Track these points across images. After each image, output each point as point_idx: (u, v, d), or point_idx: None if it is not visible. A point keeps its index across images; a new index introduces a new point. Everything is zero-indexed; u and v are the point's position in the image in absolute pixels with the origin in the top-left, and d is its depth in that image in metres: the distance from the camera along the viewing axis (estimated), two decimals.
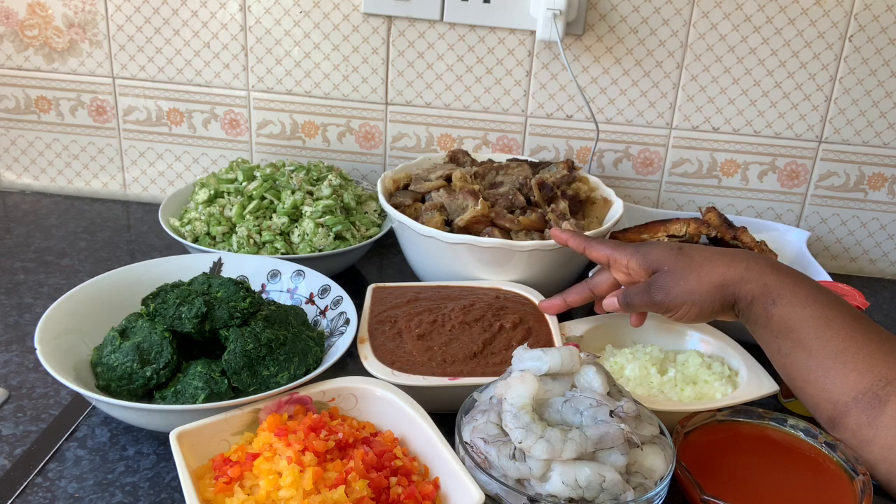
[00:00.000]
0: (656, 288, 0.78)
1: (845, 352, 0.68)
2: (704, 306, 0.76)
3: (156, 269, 0.93)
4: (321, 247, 1.05)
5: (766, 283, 0.73)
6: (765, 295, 0.73)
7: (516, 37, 1.21)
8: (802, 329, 0.70)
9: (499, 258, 0.97)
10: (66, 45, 1.25)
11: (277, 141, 1.30)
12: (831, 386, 0.68)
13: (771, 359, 0.76)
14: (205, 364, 0.78)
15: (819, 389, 0.69)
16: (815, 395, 0.70)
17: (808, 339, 0.70)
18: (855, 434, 0.68)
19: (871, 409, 0.66)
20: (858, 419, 0.67)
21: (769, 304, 0.73)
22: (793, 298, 0.71)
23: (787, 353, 0.72)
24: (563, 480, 0.62)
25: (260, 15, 1.22)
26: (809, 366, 0.70)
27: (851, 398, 0.67)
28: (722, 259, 0.76)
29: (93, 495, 0.72)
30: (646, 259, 0.80)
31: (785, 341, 0.72)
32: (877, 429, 0.66)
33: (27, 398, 0.83)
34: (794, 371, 0.72)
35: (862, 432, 0.67)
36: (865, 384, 0.66)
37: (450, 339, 0.85)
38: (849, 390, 0.67)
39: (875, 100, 1.21)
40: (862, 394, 0.66)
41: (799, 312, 0.71)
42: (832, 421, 0.69)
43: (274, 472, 0.64)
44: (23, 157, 1.33)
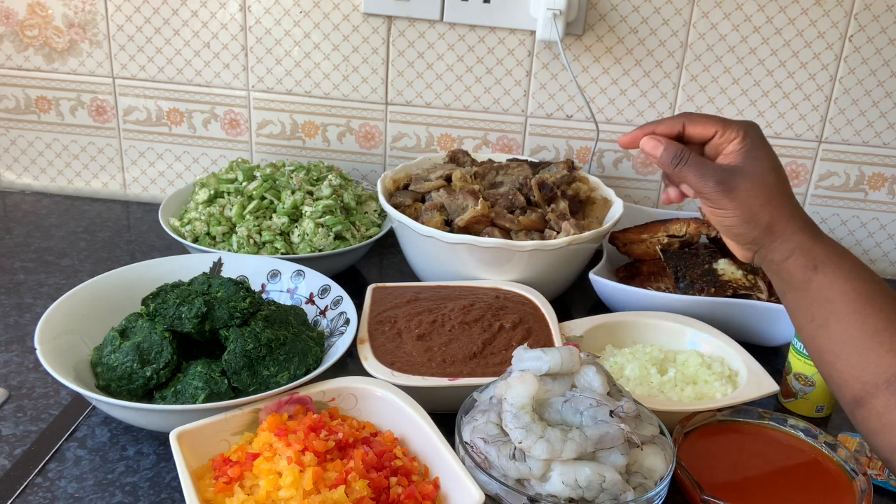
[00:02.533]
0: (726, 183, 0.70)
1: (884, 331, 0.65)
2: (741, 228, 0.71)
3: (156, 269, 0.93)
4: (321, 247, 1.05)
5: (812, 248, 0.70)
6: (807, 257, 0.69)
7: (516, 37, 1.21)
8: (843, 302, 0.67)
9: (499, 258, 0.97)
10: (66, 45, 1.25)
11: (277, 141, 1.30)
12: (864, 364, 0.66)
13: (799, 326, 0.72)
14: (205, 364, 0.78)
15: (850, 366, 0.67)
16: (844, 371, 0.67)
17: (847, 313, 0.67)
18: (879, 417, 0.65)
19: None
20: (887, 402, 0.64)
21: (810, 269, 0.69)
22: (836, 269, 0.68)
23: (821, 324, 0.69)
24: (563, 480, 0.62)
25: (260, 15, 1.22)
26: (844, 340, 0.67)
27: (884, 379, 0.64)
28: (792, 202, 0.71)
29: (93, 495, 0.72)
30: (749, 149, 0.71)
31: (820, 310, 0.69)
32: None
33: (27, 398, 0.83)
34: (826, 344, 0.69)
35: (887, 415, 0.64)
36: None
37: (450, 340, 0.85)
38: (882, 371, 0.64)
39: (875, 100, 1.21)
40: (894, 375, 0.64)
41: (841, 284, 0.68)
42: (857, 400, 0.66)
43: (274, 472, 0.64)
44: (23, 157, 1.33)
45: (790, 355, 0.90)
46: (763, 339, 1.00)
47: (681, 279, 1.02)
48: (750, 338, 0.99)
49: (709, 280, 1.01)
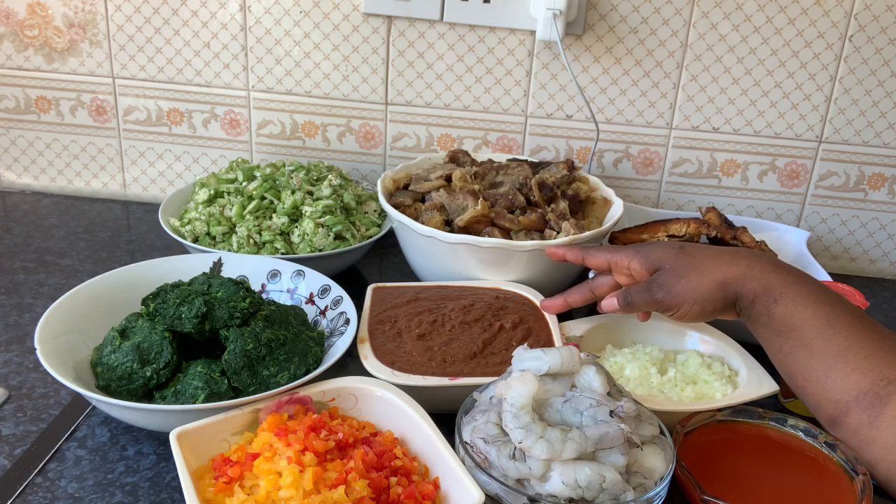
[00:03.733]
0: (657, 286, 0.78)
1: (847, 351, 0.67)
2: (706, 305, 0.76)
3: (156, 269, 0.93)
4: (321, 247, 1.05)
5: (769, 282, 0.73)
6: (766, 294, 0.73)
7: (516, 37, 1.21)
8: (804, 328, 0.70)
9: (499, 258, 0.97)
10: (66, 45, 1.25)
11: (277, 141, 1.30)
12: (832, 385, 0.68)
13: (772, 357, 0.76)
14: (205, 364, 0.78)
15: (820, 388, 0.69)
16: (816, 394, 0.70)
17: (810, 338, 0.69)
18: (856, 433, 0.68)
19: (872, 409, 0.66)
20: (860, 418, 0.66)
21: (771, 303, 0.72)
22: (795, 297, 0.71)
23: (788, 352, 0.72)
24: (563, 480, 0.62)
25: (260, 15, 1.22)
26: (811, 364, 0.70)
27: (853, 397, 0.66)
28: (724, 257, 0.76)
29: (93, 495, 0.72)
30: (647, 259, 0.80)
31: (787, 340, 0.71)
32: (878, 428, 0.65)
33: (27, 398, 0.83)
34: (796, 370, 0.71)
35: (863, 432, 0.66)
36: (867, 383, 0.66)
37: (450, 339, 0.85)
38: (850, 389, 0.67)
39: (875, 100, 1.21)
40: (863, 393, 0.66)
41: (801, 311, 0.70)
42: (833, 420, 0.69)
43: (274, 472, 0.64)
44: (23, 157, 1.33)
45: None
46: None
47: None
48: (750, 338, 0.98)
49: None
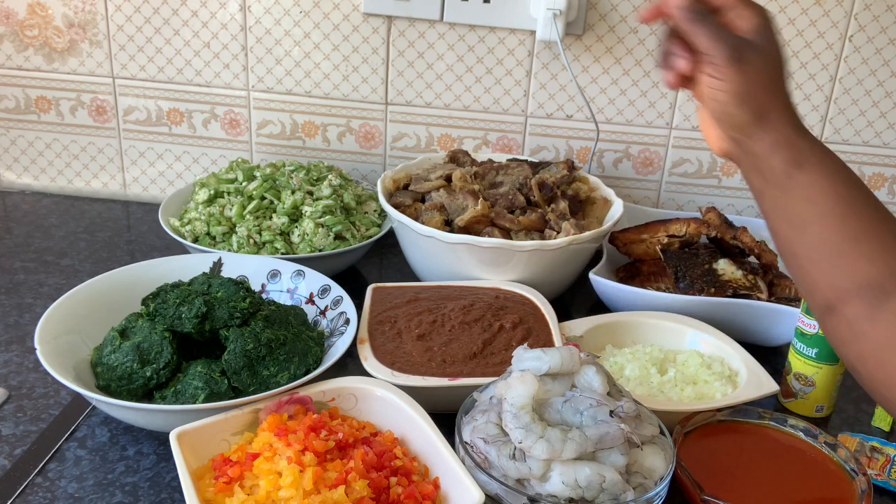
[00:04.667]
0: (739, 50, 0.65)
1: (861, 235, 0.62)
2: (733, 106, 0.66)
3: (156, 269, 0.93)
4: (321, 247, 1.05)
5: (799, 146, 0.66)
6: (792, 151, 0.65)
7: (516, 37, 1.21)
8: (824, 203, 0.64)
9: (499, 258, 0.97)
10: (66, 45, 1.25)
11: (277, 141, 1.30)
12: (839, 270, 0.63)
13: (774, 228, 0.68)
14: (205, 364, 0.78)
15: (824, 272, 0.64)
16: (818, 276, 0.64)
17: (827, 216, 0.64)
18: (850, 325, 0.63)
19: (873, 301, 0.61)
20: (858, 310, 0.62)
21: (793, 165, 0.65)
22: (820, 168, 0.65)
23: (798, 226, 0.65)
24: (563, 480, 0.62)
25: (260, 15, 1.22)
26: (821, 244, 0.64)
27: (856, 286, 0.62)
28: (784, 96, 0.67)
29: (93, 495, 0.72)
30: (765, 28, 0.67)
31: (799, 211, 0.65)
32: (875, 323, 0.61)
33: (27, 398, 0.83)
34: (801, 248, 0.66)
35: (858, 324, 0.62)
36: (874, 274, 0.61)
37: (450, 340, 0.85)
38: (857, 278, 0.62)
39: (875, 100, 1.21)
40: (868, 283, 0.61)
41: (824, 184, 0.64)
42: (828, 307, 0.64)
43: (274, 472, 0.64)
44: (23, 157, 1.33)
45: (790, 355, 0.90)
46: (763, 339, 1.00)
47: (681, 279, 1.02)
48: (750, 338, 0.99)
49: (709, 280, 1.01)
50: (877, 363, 0.62)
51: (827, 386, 0.88)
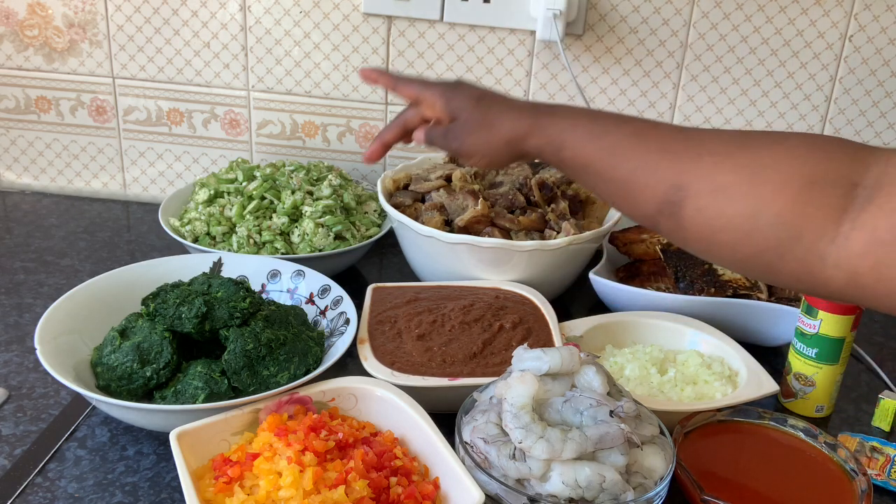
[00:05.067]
0: (452, 136, 0.82)
1: (635, 171, 0.71)
2: (494, 158, 0.81)
3: (156, 269, 0.93)
4: (321, 247, 1.05)
5: (549, 134, 0.77)
6: (550, 144, 0.77)
7: (516, 37, 1.21)
8: (593, 164, 0.74)
9: (499, 258, 0.97)
10: (66, 45, 1.25)
11: (277, 141, 1.30)
12: (635, 204, 0.72)
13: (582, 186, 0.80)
14: (205, 364, 0.78)
15: (629, 209, 0.73)
16: (629, 212, 0.74)
17: (602, 170, 0.73)
18: (672, 235, 0.71)
19: (673, 216, 0.69)
20: (668, 225, 0.70)
21: (557, 152, 0.76)
22: (574, 141, 0.75)
23: (593, 185, 0.76)
24: (563, 480, 0.62)
25: (260, 15, 1.22)
26: (612, 190, 0.74)
27: (654, 210, 0.70)
28: (511, 113, 0.80)
29: (93, 495, 0.72)
30: (449, 104, 0.84)
31: (587, 175, 0.76)
32: (685, 229, 0.69)
33: (27, 398, 0.83)
34: (606, 196, 0.76)
35: (677, 234, 0.70)
36: (660, 195, 0.69)
37: (450, 340, 0.85)
38: (649, 204, 0.70)
39: (875, 100, 1.21)
40: (661, 204, 0.69)
41: (584, 151, 0.74)
42: (654, 227, 0.73)
43: (274, 472, 0.64)
44: (23, 157, 1.33)
45: (790, 355, 0.90)
46: (763, 339, 1.00)
47: (681, 279, 1.02)
48: (750, 338, 0.99)
49: (709, 280, 1.01)
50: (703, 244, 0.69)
51: (827, 386, 0.88)
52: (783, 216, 0.63)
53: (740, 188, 0.65)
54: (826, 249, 0.61)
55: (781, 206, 0.63)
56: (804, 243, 0.62)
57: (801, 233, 0.62)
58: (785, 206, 0.63)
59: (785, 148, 0.65)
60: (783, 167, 0.64)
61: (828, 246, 0.61)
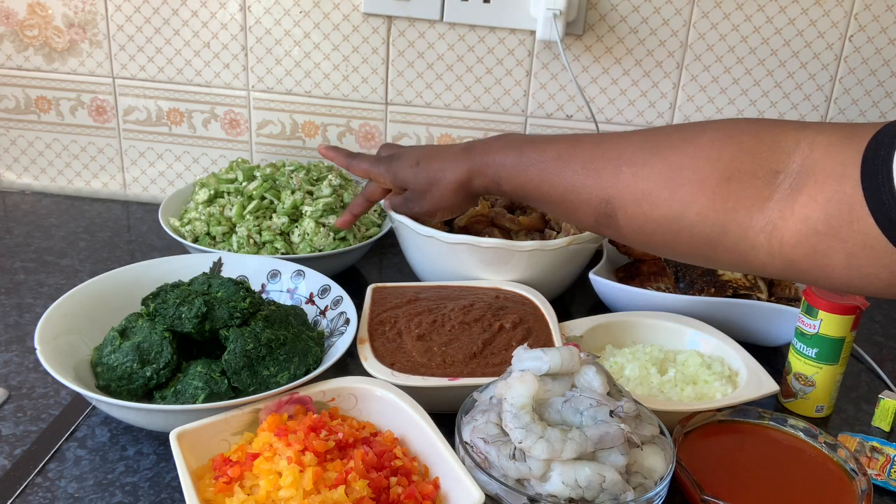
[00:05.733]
0: (412, 202, 0.91)
1: (567, 193, 0.75)
2: (453, 207, 0.89)
3: (156, 269, 0.93)
4: (321, 247, 1.05)
5: (486, 174, 0.83)
6: (491, 182, 0.83)
7: (516, 37, 1.21)
8: (530, 191, 0.79)
9: (499, 258, 0.97)
10: (66, 45, 1.25)
11: (277, 141, 1.30)
12: (578, 219, 0.77)
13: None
14: (205, 364, 0.78)
15: (576, 221, 0.78)
16: (576, 224, 0.80)
17: (539, 196, 0.79)
18: (615, 238, 0.76)
19: (610, 225, 0.73)
20: (608, 232, 0.75)
21: (498, 187, 0.83)
22: (508, 175, 0.81)
23: (538, 207, 0.83)
24: (563, 480, 0.62)
25: (260, 15, 1.22)
26: (555, 210, 0.79)
27: (593, 222, 0.74)
28: (448, 166, 0.86)
29: (93, 495, 0.72)
30: (396, 178, 0.91)
31: (529, 201, 0.82)
32: (623, 235, 0.73)
33: (27, 398, 0.83)
34: (552, 215, 0.84)
35: (619, 238, 0.75)
36: (593, 210, 0.73)
37: (450, 340, 0.85)
38: (588, 218, 0.75)
39: (875, 100, 1.21)
40: (597, 216, 0.73)
41: (519, 182, 0.80)
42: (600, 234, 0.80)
43: (274, 472, 0.64)
44: (23, 157, 1.33)
45: (790, 355, 0.90)
46: (763, 339, 1.00)
47: (681, 279, 1.02)
48: (750, 338, 0.99)
49: (709, 280, 1.01)
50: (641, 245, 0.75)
51: (827, 386, 0.88)
52: (704, 214, 0.65)
53: (661, 194, 0.67)
54: (756, 239, 0.63)
55: (702, 206, 0.65)
56: (732, 236, 0.64)
57: (726, 227, 0.64)
58: (705, 205, 0.65)
59: (698, 147, 0.67)
60: (698, 167, 0.66)
61: (757, 236, 0.63)
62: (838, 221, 0.58)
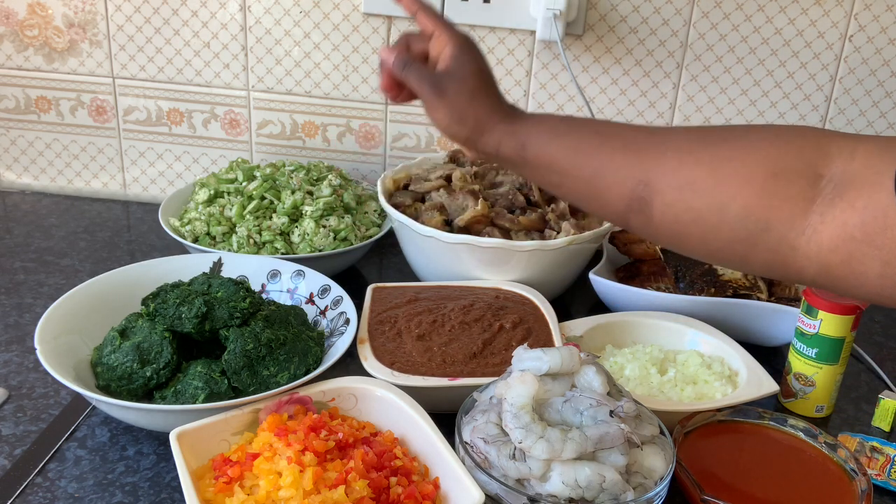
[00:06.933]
0: (438, 86, 0.79)
1: (601, 170, 0.71)
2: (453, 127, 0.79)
3: (156, 269, 0.93)
4: (321, 247, 1.05)
5: (514, 131, 0.77)
6: (512, 140, 0.77)
7: (516, 37, 1.21)
8: (557, 161, 0.74)
9: (499, 258, 0.97)
10: (66, 45, 1.25)
11: (277, 141, 1.30)
12: (604, 202, 0.73)
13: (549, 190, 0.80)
14: (205, 364, 0.78)
15: (599, 207, 0.74)
16: (598, 211, 0.75)
17: (567, 169, 0.73)
18: (643, 231, 0.73)
19: (643, 212, 0.69)
20: (638, 221, 0.71)
21: (519, 149, 0.76)
22: (537, 138, 0.75)
23: (558, 185, 0.76)
24: (563, 480, 0.62)
25: (260, 15, 1.22)
26: (578, 189, 0.74)
27: (623, 207, 0.70)
28: (489, 102, 0.79)
29: (93, 495, 0.72)
30: (455, 61, 0.80)
31: (551, 175, 0.76)
32: (655, 225, 0.70)
33: (27, 398, 0.83)
34: (571, 197, 0.76)
35: (647, 229, 0.71)
36: (627, 193, 0.70)
37: (450, 340, 0.85)
38: (618, 202, 0.71)
39: (875, 100, 1.21)
40: (630, 201, 0.70)
41: (549, 149, 0.74)
42: (625, 226, 0.74)
43: (274, 472, 0.64)
44: (23, 157, 1.33)
45: (790, 355, 0.90)
46: (763, 339, 1.00)
47: (681, 279, 1.02)
48: (750, 338, 0.99)
49: (709, 280, 1.01)
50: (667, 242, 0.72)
51: (827, 386, 0.88)
52: (750, 208, 0.63)
53: (706, 182, 0.65)
54: (796, 241, 0.62)
55: (747, 199, 0.63)
56: (773, 234, 0.63)
57: (769, 224, 0.63)
58: (751, 199, 0.63)
59: (747, 142, 0.66)
60: (746, 160, 0.64)
61: (798, 237, 0.62)
62: (873, 228, 0.58)
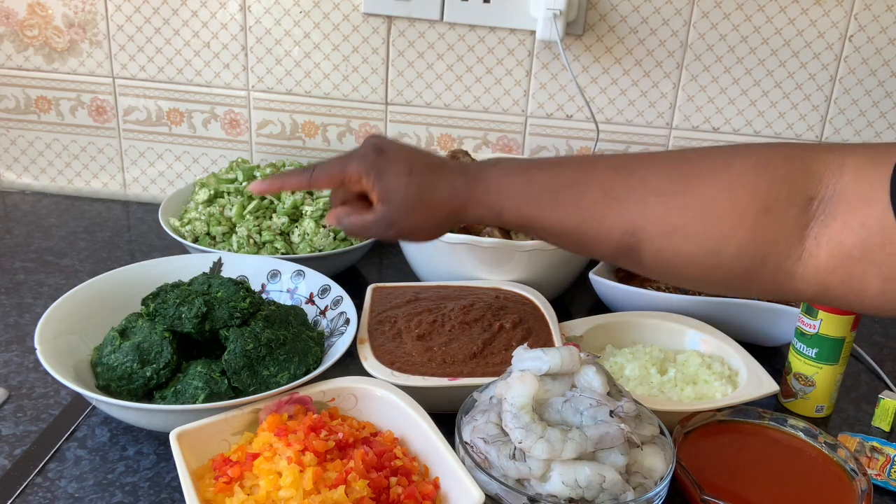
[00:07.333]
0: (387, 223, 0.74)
1: (582, 223, 0.69)
2: (435, 234, 0.77)
3: (156, 269, 0.93)
4: (321, 247, 1.06)
5: (484, 202, 0.73)
6: (490, 212, 0.73)
7: (516, 37, 1.21)
8: (538, 220, 0.71)
9: (499, 258, 0.97)
10: (66, 45, 1.25)
11: (277, 141, 1.30)
12: (592, 251, 0.71)
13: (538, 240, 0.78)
14: (205, 364, 0.78)
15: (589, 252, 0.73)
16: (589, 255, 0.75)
17: (549, 226, 0.71)
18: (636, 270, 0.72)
19: (632, 258, 0.68)
20: (629, 264, 0.70)
21: (498, 217, 0.73)
22: (514, 204, 0.72)
23: (543, 238, 0.74)
24: (563, 480, 0.62)
25: (260, 15, 1.22)
26: (566, 241, 0.72)
27: (612, 253, 0.69)
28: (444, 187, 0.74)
29: (93, 495, 0.72)
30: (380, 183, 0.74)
31: (534, 232, 0.73)
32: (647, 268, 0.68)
33: (27, 398, 0.83)
34: (560, 245, 0.74)
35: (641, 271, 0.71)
36: (614, 242, 0.68)
37: (450, 340, 0.85)
38: (606, 249, 0.69)
39: (875, 100, 1.21)
40: (618, 249, 0.68)
41: (527, 212, 0.71)
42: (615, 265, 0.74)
43: (274, 472, 0.64)
44: (23, 157, 1.33)
45: (790, 355, 0.90)
46: (763, 339, 1.00)
47: None
48: (750, 338, 0.99)
49: None
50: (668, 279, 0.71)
51: (827, 386, 0.88)
52: (744, 247, 0.62)
53: (695, 227, 0.64)
54: (793, 268, 0.61)
55: (741, 239, 0.62)
56: (770, 266, 0.62)
57: (766, 259, 0.62)
58: (744, 238, 0.62)
59: (730, 175, 0.63)
60: (734, 197, 0.63)
61: (794, 264, 0.61)
62: (871, 245, 0.57)
